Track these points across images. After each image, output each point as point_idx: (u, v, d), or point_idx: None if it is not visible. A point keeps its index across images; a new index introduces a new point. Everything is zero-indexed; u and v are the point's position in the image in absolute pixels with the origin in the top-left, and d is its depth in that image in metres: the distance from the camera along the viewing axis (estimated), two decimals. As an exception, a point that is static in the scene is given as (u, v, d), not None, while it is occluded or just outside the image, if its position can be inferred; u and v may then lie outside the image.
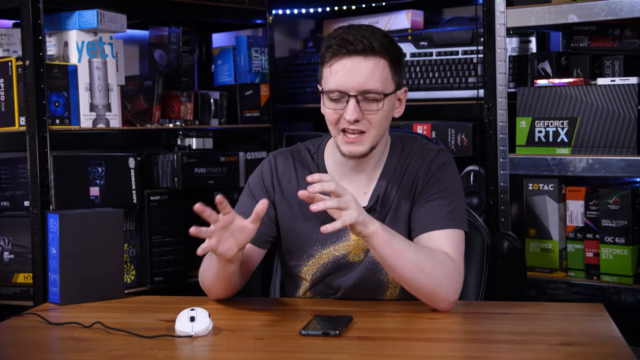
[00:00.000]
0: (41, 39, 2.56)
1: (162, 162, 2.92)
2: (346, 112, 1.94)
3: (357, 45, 1.92)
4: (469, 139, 2.99)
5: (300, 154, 2.13)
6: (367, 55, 1.93)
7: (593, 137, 2.62)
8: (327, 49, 1.96)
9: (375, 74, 1.94)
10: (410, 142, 2.11)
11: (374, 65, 1.94)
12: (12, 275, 2.71)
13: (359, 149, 1.98)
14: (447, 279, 1.91)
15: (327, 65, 1.97)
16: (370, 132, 1.97)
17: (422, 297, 1.95)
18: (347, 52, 1.93)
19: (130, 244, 2.85)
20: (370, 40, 1.93)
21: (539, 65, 2.81)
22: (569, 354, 1.63)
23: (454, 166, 2.08)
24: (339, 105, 1.96)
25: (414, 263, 1.89)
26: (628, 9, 2.51)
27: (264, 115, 3.37)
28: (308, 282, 2.10)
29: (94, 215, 2.19)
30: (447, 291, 1.92)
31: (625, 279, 2.61)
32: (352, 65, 1.93)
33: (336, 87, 1.94)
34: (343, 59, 1.94)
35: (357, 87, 1.93)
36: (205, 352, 1.75)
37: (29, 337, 1.87)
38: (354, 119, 1.93)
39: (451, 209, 2.00)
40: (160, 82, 3.09)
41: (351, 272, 2.06)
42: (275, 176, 2.11)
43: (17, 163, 2.72)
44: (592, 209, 2.70)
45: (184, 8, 3.07)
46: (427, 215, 2.00)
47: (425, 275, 1.90)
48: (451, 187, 2.03)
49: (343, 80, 1.93)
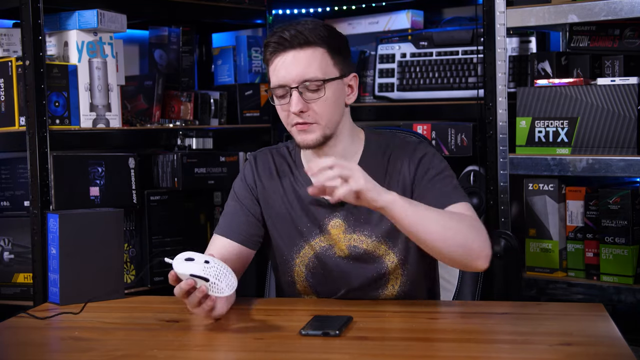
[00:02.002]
0: (41, 39, 2.56)
1: (162, 162, 2.92)
2: (290, 104, 1.97)
3: (293, 40, 1.96)
4: (469, 139, 2.99)
5: (278, 151, 2.16)
6: (302, 47, 1.97)
7: (593, 137, 2.62)
8: (267, 48, 2.00)
9: (313, 63, 1.97)
10: (389, 136, 2.12)
11: (310, 55, 1.97)
12: (12, 275, 2.72)
13: (310, 136, 1.99)
14: (476, 233, 1.89)
15: (269, 65, 2.01)
16: (320, 122, 1.99)
17: (457, 258, 1.90)
18: (284, 48, 1.97)
19: (130, 244, 2.85)
20: (305, 34, 1.97)
21: (539, 65, 2.81)
22: (569, 354, 1.63)
23: (437, 152, 2.09)
24: (284, 100, 1.99)
25: (441, 225, 1.86)
26: (628, 9, 2.51)
27: (264, 115, 3.37)
28: (302, 275, 2.10)
29: (94, 215, 2.19)
30: (480, 244, 1.89)
31: (625, 279, 2.61)
32: (290, 58, 1.97)
33: (278, 82, 1.98)
34: (281, 55, 1.98)
35: (297, 78, 1.96)
36: (205, 352, 1.75)
37: (29, 337, 1.87)
38: (298, 109, 1.96)
39: (455, 185, 2.02)
40: (160, 82, 3.09)
41: (348, 271, 2.06)
42: (256, 174, 2.13)
43: (17, 163, 2.72)
44: (592, 209, 2.70)
45: (184, 8, 3.07)
46: (436, 196, 1.98)
47: (455, 232, 1.87)
48: (445, 169, 2.04)
49: (282, 74, 1.97)
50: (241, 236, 2.08)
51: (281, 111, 2.01)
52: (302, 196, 2.08)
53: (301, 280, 2.11)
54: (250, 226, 2.09)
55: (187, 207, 3.00)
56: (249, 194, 2.12)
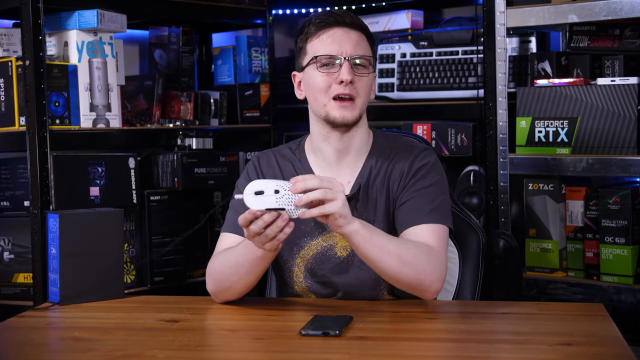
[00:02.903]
0: (41, 39, 2.56)
1: (162, 162, 2.92)
2: (342, 72, 2.00)
3: (345, 17, 2.04)
4: (469, 139, 2.99)
5: (281, 152, 2.17)
6: (353, 27, 2.05)
7: (593, 137, 2.62)
8: (313, 23, 2.05)
9: (362, 42, 2.04)
10: (395, 139, 2.14)
11: (360, 36, 2.05)
12: (12, 275, 2.72)
13: (352, 113, 2.02)
14: (430, 267, 1.93)
15: (313, 37, 2.04)
16: (359, 99, 2.03)
17: (407, 289, 1.97)
18: (335, 22, 2.03)
19: (130, 244, 2.85)
20: (352, 17, 2.05)
21: (539, 65, 2.81)
22: (569, 354, 1.63)
23: (439, 164, 2.10)
24: (332, 69, 2.01)
25: (396, 256, 1.90)
26: (628, 9, 2.51)
27: (264, 115, 3.37)
28: (302, 275, 2.10)
29: (94, 215, 2.19)
30: (432, 279, 1.93)
31: (625, 279, 2.61)
32: (342, 32, 2.03)
33: (329, 52, 2.02)
34: (332, 29, 2.03)
35: (350, 50, 2.02)
36: (205, 352, 1.75)
37: (29, 337, 1.87)
38: (350, 78, 1.99)
39: (436, 206, 2.02)
40: (160, 82, 3.09)
41: (347, 271, 2.07)
42: (260, 174, 2.13)
43: (17, 163, 2.72)
44: (592, 209, 2.70)
45: (184, 8, 3.07)
46: (411, 211, 2.02)
47: (409, 266, 1.91)
48: (435, 185, 2.05)
49: (335, 45, 2.02)
50: None
51: (324, 80, 2.02)
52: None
53: (299, 282, 2.11)
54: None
55: (187, 207, 3.00)
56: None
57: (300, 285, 2.11)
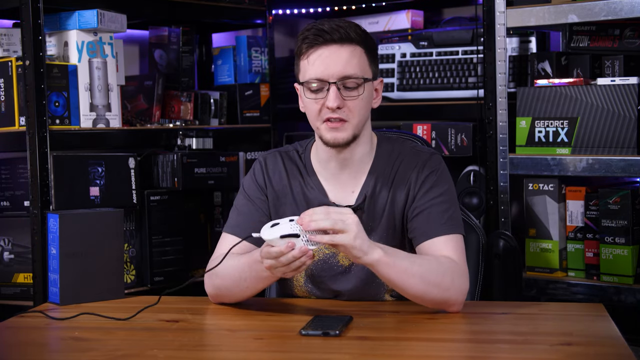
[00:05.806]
0: (41, 39, 2.56)
1: (162, 162, 2.92)
2: (328, 99, 1.95)
3: (334, 34, 1.95)
4: (469, 139, 2.99)
5: (288, 154, 2.14)
6: (343, 44, 1.95)
7: (593, 137, 2.62)
8: (303, 40, 1.97)
9: (353, 60, 1.96)
10: (400, 143, 2.11)
11: (351, 52, 1.96)
12: (12, 275, 2.72)
13: (342, 135, 1.98)
14: (455, 285, 1.92)
15: (304, 57, 1.98)
16: (352, 121, 1.98)
17: (433, 307, 1.95)
18: (323, 41, 1.95)
19: (130, 244, 2.85)
20: (345, 29, 1.95)
21: (539, 65, 2.81)
22: (569, 354, 1.63)
23: (446, 170, 2.08)
24: (320, 94, 1.96)
25: (421, 278, 1.89)
26: (628, 9, 2.51)
27: (264, 115, 3.37)
28: (302, 280, 2.10)
29: (94, 215, 2.19)
30: (457, 296, 1.93)
31: (625, 279, 2.61)
32: (329, 53, 1.95)
33: (315, 76, 1.95)
34: (320, 48, 1.96)
35: (337, 74, 1.95)
36: (205, 352, 1.75)
37: (29, 337, 1.87)
38: (336, 105, 1.94)
39: (450, 215, 2.01)
40: (160, 82, 3.09)
41: (349, 279, 2.06)
42: (266, 175, 2.12)
43: (17, 163, 2.72)
44: (592, 209, 2.70)
45: (184, 8, 3.07)
46: (428, 223, 2.00)
47: (434, 286, 1.90)
48: (447, 193, 2.04)
49: (322, 68, 1.95)
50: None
51: (313, 105, 1.98)
52: (311, 200, 2.06)
53: (300, 286, 2.11)
54: (262, 225, 2.06)
55: (187, 207, 3.00)
56: (260, 193, 2.11)
57: (300, 289, 2.11)
